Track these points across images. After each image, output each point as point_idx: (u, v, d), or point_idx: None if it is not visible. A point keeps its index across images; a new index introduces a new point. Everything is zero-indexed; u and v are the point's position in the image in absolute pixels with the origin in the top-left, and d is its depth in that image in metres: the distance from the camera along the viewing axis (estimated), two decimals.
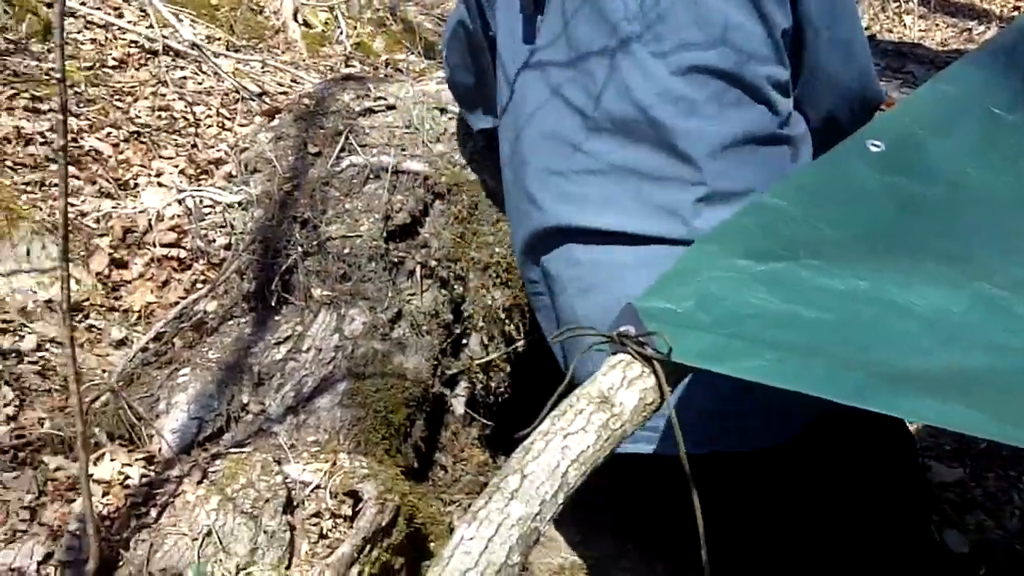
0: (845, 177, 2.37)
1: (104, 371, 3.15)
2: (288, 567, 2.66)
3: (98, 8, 5.11)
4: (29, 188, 3.62)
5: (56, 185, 2.63)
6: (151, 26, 5.13)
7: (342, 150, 3.75)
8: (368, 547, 2.74)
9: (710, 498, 1.85)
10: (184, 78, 4.93)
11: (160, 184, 4.01)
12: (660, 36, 2.89)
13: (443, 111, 3.96)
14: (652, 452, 2.83)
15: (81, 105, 4.25)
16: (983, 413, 1.55)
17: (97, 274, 3.48)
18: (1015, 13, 9.14)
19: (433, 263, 3.59)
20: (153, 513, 2.66)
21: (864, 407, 1.63)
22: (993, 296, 1.99)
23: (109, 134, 4.17)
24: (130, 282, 3.55)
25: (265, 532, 2.65)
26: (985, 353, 1.85)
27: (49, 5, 4.60)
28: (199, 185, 4.04)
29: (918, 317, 1.94)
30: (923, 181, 2.42)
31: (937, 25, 9.26)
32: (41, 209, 3.52)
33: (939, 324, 1.92)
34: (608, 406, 1.78)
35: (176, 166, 4.16)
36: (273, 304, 3.40)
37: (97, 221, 3.68)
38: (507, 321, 3.75)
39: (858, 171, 2.39)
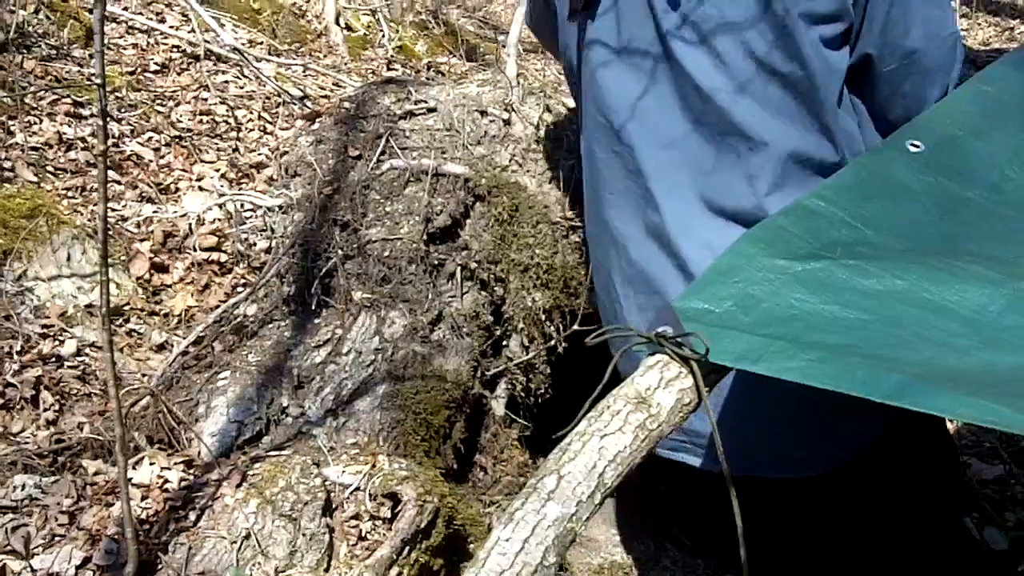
0: (885, 177, 2.36)
1: (144, 375, 3.16)
2: (327, 569, 2.66)
3: (140, 13, 5.14)
4: (70, 193, 3.64)
5: (97, 190, 2.65)
6: (193, 31, 5.16)
7: (382, 153, 3.75)
8: (407, 549, 2.73)
9: (748, 510, 1.84)
10: (226, 82, 4.95)
11: (201, 188, 4.03)
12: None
13: (484, 113, 3.96)
14: (697, 466, 2.83)
15: (123, 110, 4.27)
16: (1021, 411, 1.54)
17: (138, 278, 3.50)
18: None
19: (473, 265, 3.59)
20: (192, 516, 2.66)
21: (902, 406, 1.61)
22: None
23: (150, 139, 4.19)
24: (170, 286, 3.57)
25: (304, 534, 2.65)
26: (1023, 352, 1.83)
27: (90, 10, 4.62)
28: (240, 189, 4.05)
29: (956, 316, 1.92)
30: (963, 182, 2.40)
31: (979, 24, 9.20)
32: (82, 214, 3.54)
33: (977, 323, 1.90)
34: (645, 407, 1.77)
35: (217, 170, 4.18)
36: (313, 307, 3.40)
37: (138, 226, 3.69)
38: (547, 322, 3.75)
39: (898, 171, 2.37)
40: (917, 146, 2.43)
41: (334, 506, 2.79)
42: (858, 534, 2.97)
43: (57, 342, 3.13)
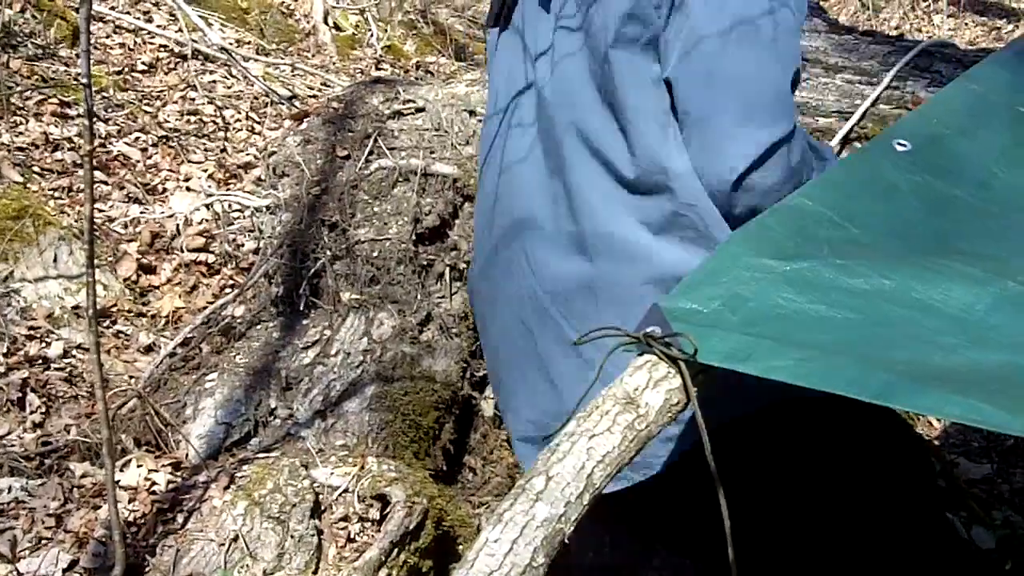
0: (872, 176, 2.35)
1: (131, 377, 3.15)
2: (315, 571, 2.65)
3: (127, 13, 5.13)
4: (57, 194, 3.63)
5: (84, 190, 2.64)
6: (180, 30, 5.15)
7: (371, 153, 3.73)
8: (396, 550, 2.73)
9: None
10: (213, 82, 4.94)
11: (189, 189, 4.02)
12: None
13: (472, 113, 3.94)
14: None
15: (110, 110, 4.27)
16: (1007, 410, 1.54)
17: (125, 279, 3.49)
18: None
19: (462, 265, 3.58)
20: (180, 519, 2.65)
21: (890, 406, 1.62)
22: (1020, 294, 1.97)
23: (138, 139, 4.18)
24: (158, 287, 3.56)
25: (292, 537, 2.64)
26: (1010, 350, 1.83)
27: (77, 10, 4.61)
28: (228, 189, 4.04)
29: (943, 315, 1.92)
30: (950, 181, 2.39)
31: (966, 24, 9.22)
32: (68, 215, 3.53)
33: (964, 322, 1.90)
34: (634, 407, 1.76)
35: (205, 170, 4.17)
36: (301, 308, 3.39)
37: (125, 226, 3.69)
38: None
39: (885, 170, 2.37)
40: (904, 145, 2.43)
41: (323, 508, 2.78)
42: (837, 528, 2.96)
43: (44, 344, 3.12)
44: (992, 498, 3.89)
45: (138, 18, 5.15)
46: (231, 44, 5.35)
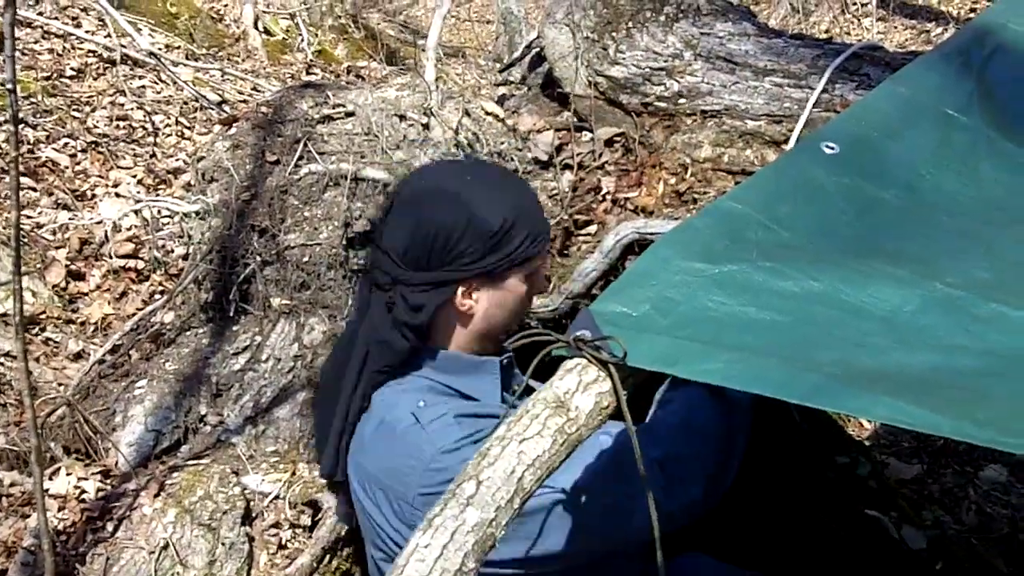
0: (800, 179, 2.36)
1: (60, 384, 3.13)
2: None
3: (55, 18, 5.09)
4: None
5: (10, 197, 2.61)
6: (109, 35, 5.12)
7: (300, 158, 3.71)
8: (328, 557, 2.72)
9: None
10: (143, 87, 4.91)
11: (118, 195, 3.99)
12: None
13: (403, 118, 3.93)
14: None
15: (38, 116, 4.23)
16: (936, 411, 1.55)
17: (54, 286, 3.46)
18: (972, 15, 9.17)
19: None
20: (110, 527, 2.63)
21: (819, 407, 1.62)
22: (947, 296, 1.99)
23: (66, 144, 4.15)
24: (87, 294, 3.53)
25: (223, 544, 2.63)
26: (937, 351, 1.84)
27: (2, 15, 4.57)
28: (157, 195, 4.02)
29: (871, 316, 1.93)
30: (878, 183, 2.41)
31: (896, 27, 9.30)
32: None
33: (892, 323, 1.91)
34: (564, 410, 1.76)
35: (134, 176, 4.14)
36: (231, 314, 3.37)
37: (54, 233, 3.66)
38: None
39: (813, 173, 2.38)
40: (832, 148, 2.44)
41: (254, 515, 2.77)
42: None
43: None
44: (922, 498, 3.92)
45: (66, 23, 5.12)
46: (160, 49, 5.33)
